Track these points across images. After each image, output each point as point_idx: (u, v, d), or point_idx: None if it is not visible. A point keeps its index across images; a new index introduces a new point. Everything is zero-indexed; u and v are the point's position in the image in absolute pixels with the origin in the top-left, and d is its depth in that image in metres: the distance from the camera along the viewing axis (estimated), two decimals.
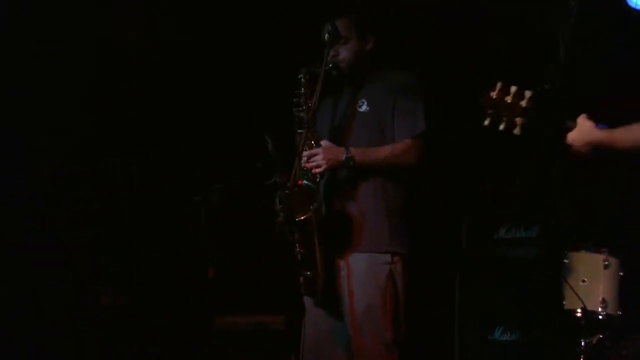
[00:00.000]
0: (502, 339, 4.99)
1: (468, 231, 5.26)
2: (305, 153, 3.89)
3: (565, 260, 4.69)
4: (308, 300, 4.01)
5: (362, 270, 3.90)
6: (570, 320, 4.61)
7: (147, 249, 5.75)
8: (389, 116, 3.98)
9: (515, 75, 5.41)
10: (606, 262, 4.61)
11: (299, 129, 3.95)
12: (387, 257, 3.91)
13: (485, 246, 5.20)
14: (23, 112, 5.64)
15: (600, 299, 4.57)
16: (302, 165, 3.88)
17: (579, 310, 4.57)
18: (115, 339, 5.36)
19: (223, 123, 5.85)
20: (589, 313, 4.55)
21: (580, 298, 4.55)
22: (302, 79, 3.98)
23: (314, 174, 3.89)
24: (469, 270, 5.20)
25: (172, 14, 5.95)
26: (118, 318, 5.49)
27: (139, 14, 5.98)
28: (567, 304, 4.62)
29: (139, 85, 5.86)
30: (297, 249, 3.86)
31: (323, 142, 3.92)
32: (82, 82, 5.79)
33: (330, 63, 3.99)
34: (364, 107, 4.01)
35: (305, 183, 3.89)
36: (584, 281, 4.62)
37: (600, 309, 4.56)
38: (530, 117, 3.07)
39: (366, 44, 4.07)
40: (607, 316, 4.57)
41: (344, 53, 4.03)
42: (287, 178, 3.80)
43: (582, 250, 4.70)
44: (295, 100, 3.98)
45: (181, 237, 5.44)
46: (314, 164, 3.87)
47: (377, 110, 4.00)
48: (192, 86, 5.88)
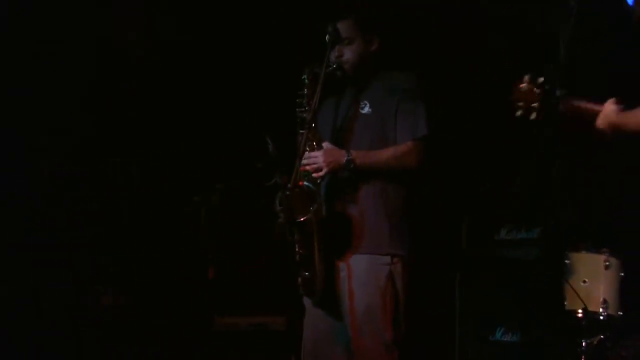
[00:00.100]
0: (503, 339, 4.99)
1: (468, 232, 5.26)
2: (306, 155, 3.88)
3: (566, 261, 4.69)
4: (308, 301, 4.00)
5: (362, 271, 3.88)
6: (571, 320, 4.61)
7: (147, 249, 5.75)
8: (391, 118, 3.97)
9: (516, 75, 5.46)
10: (607, 262, 4.60)
11: (301, 130, 3.93)
12: (387, 259, 3.90)
13: (486, 247, 5.19)
14: (23, 112, 5.64)
15: (601, 299, 4.57)
16: (303, 167, 3.87)
17: (579, 310, 4.57)
18: (115, 339, 5.36)
19: (223, 123, 5.85)
20: (589, 314, 4.54)
21: (581, 299, 4.55)
22: (306, 79, 3.96)
23: (314, 175, 3.88)
24: (470, 271, 5.19)
25: (172, 13, 5.95)
26: (118, 318, 5.49)
27: (140, 13, 5.98)
28: (568, 304, 4.62)
29: (139, 85, 5.86)
30: (297, 250, 3.85)
31: (324, 144, 3.91)
32: (82, 82, 5.79)
33: (335, 64, 3.98)
34: (366, 109, 4.00)
35: (306, 184, 3.88)
36: (584, 282, 4.62)
37: (601, 310, 4.56)
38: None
39: (371, 45, 4.05)
40: (608, 317, 4.57)
41: (348, 54, 4.01)
42: (288, 179, 3.78)
43: (583, 251, 4.70)
44: (298, 100, 3.96)
45: (181, 237, 5.44)
46: (315, 166, 3.86)
47: (379, 112, 3.98)
48: (192, 86, 5.88)
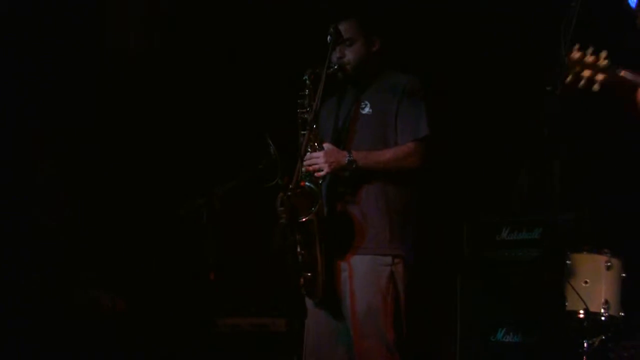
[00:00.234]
0: (504, 340, 5.00)
1: (469, 232, 5.26)
2: (308, 155, 3.88)
3: (567, 262, 4.68)
4: (310, 302, 4.00)
5: (363, 272, 3.89)
6: (572, 321, 4.60)
7: (149, 251, 5.74)
8: (391, 119, 3.97)
9: (517, 75, 5.47)
10: (608, 263, 4.60)
11: (303, 131, 3.94)
12: (388, 259, 3.91)
13: (487, 247, 5.20)
14: (23, 112, 5.63)
15: (603, 300, 4.56)
16: (305, 168, 3.87)
17: (581, 311, 4.56)
18: (117, 341, 5.34)
19: (225, 125, 5.85)
20: (591, 314, 4.54)
21: (582, 299, 4.54)
22: (307, 80, 3.96)
23: (316, 176, 3.88)
24: (471, 272, 5.20)
25: (174, 14, 5.95)
26: (120, 320, 5.48)
27: (140, 13, 5.98)
28: (570, 305, 4.61)
29: (140, 86, 5.86)
30: (299, 251, 3.85)
31: (325, 145, 3.91)
32: (82, 82, 5.78)
33: (336, 65, 3.99)
34: (367, 110, 4.01)
35: (308, 185, 3.88)
36: (586, 282, 4.61)
37: (602, 310, 4.55)
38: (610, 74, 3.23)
39: (372, 46, 4.07)
40: (610, 317, 4.56)
41: (350, 55, 4.02)
42: (289, 180, 3.78)
43: (584, 252, 4.69)
44: (300, 101, 3.97)
45: (183, 240, 5.43)
46: (317, 167, 3.87)
47: (379, 113, 3.99)
48: (193, 87, 5.88)
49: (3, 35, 5.51)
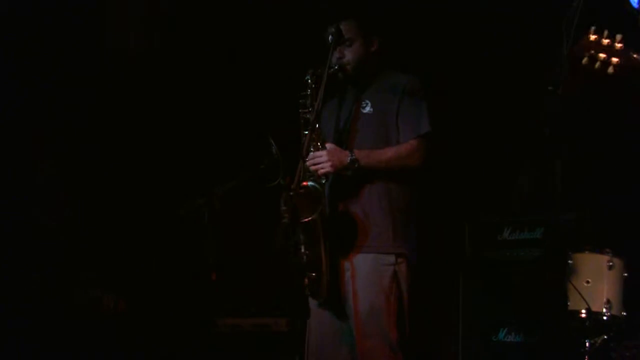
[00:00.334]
0: (506, 339, 4.99)
1: (471, 232, 5.26)
2: (310, 155, 3.88)
3: (569, 261, 4.68)
4: (313, 302, 3.99)
5: (366, 271, 3.88)
6: (574, 321, 4.60)
7: (149, 251, 5.74)
8: (392, 118, 3.97)
9: (517, 75, 5.47)
10: (610, 262, 4.60)
11: (305, 131, 3.93)
12: (391, 258, 3.90)
13: (489, 247, 5.19)
14: (23, 113, 5.63)
15: (605, 299, 4.57)
16: (307, 167, 3.87)
17: (583, 311, 4.56)
18: (118, 341, 5.34)
19: (227, 125, 5.84)
20: (593, 314, 4.54)
21: (584, 299, 4.54)
22: (309, 80, 3.96)
23: (318, 176, 3.88)
24: (473, 271, 5.19)
25: (174, 14, 5.95)
26: (120, 320, 5.47)
27: (141, 13, 5.98)
28: (571, 304, 4.61)
29: (142, 86, 5.86)
30: (302, 251, 3.84)
31: (328, 145, 3.91)
32: (82, 82, 5.78)
33: (336, 65, 3.99)
34: (368, 109, 4.01)
35: (311, 184, 3.87)
36: (588, 282, 4.62)
37: (604, 310, 4.55)
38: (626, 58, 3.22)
39: (371, 46, 4.07)
40: (612, 317, 4.56)
41: (349, 55, 4.03)
42: (291, 180, 3.78)
43: (586, 251, 4.69)
44: (302, 101, 3.96)
45: (184, 240, 5.43)
46: (319, 166, 3.86)
47: (380, 112, 3.99)
48: (195, 88, 5.88)
49: (3, 35, 5.51)
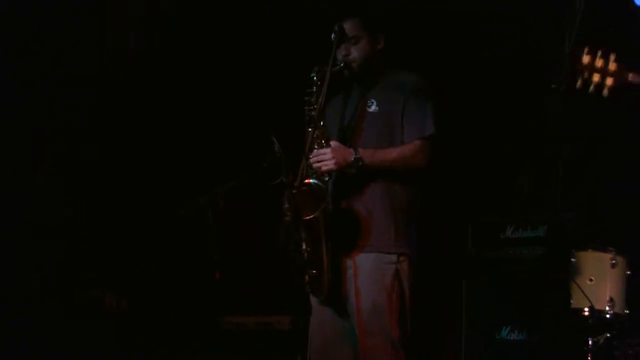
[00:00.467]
0: (508, 338, 4.98)
1: (474, 230, 5.25)
2: (314, 152, 3.87)
3: (572, 259, 4.69)
4: (315, 300, 3.99)
5: (368, 270, 3.87)
6: (577, 319, 4.62)
7: (154, 249, 5.73)
8: (398, 117, 3.96)
9: (518, 75, 5.49)
10: (613, 261, 4.61)
11: (309, 128, 3.92)
12: (393, 257, 3.89)
13: (492, 245, 5.19)
14: (23, 113, 5.62)
15: (608, 297, 4.58)
16: (310, 165, 3.86)
17: (586, 309, 4.58)
18: (121, 339, 5.33)
19: (229, 123, 5.84)
20: (596, 312, 4.56)
21: (587, 297, 4.55)
22: (315, 77, 3.96)
23: (321, 173, 3.88)
24: (475, 270, 5.19)
25: (174, 14, 5.95)
26: (121, 320, 5.46)
27: (141, 13, 5.98)
28: (575, 303, 4.62)
29: (144, 85, 5.86)
30: (304, 248, 3.83)
31: (332, 143, 3.89)
32: (82, 82, 5.78)
33: (342, 62, 3.98)
34: (373, 107, 4.00)
35: (314, 182, 3.86)
36: (591, 280, 4.63)
37: (607, 308, 4.57)
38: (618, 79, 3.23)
39: (377, 43, 4.05)
40: (615, 315, 4.58)
41: (355, 53, 4.01)
42: (294, 177, 3.77)
43: (589, 249, 4.71)
44: (307, 99, 3.95)
45: (188, 238, 5.42)
46: (323, 163, 3.86)
47: (386, 111, 3.98)
48: (198, 85, 5.88)
49: (3, 35, 5.50)
